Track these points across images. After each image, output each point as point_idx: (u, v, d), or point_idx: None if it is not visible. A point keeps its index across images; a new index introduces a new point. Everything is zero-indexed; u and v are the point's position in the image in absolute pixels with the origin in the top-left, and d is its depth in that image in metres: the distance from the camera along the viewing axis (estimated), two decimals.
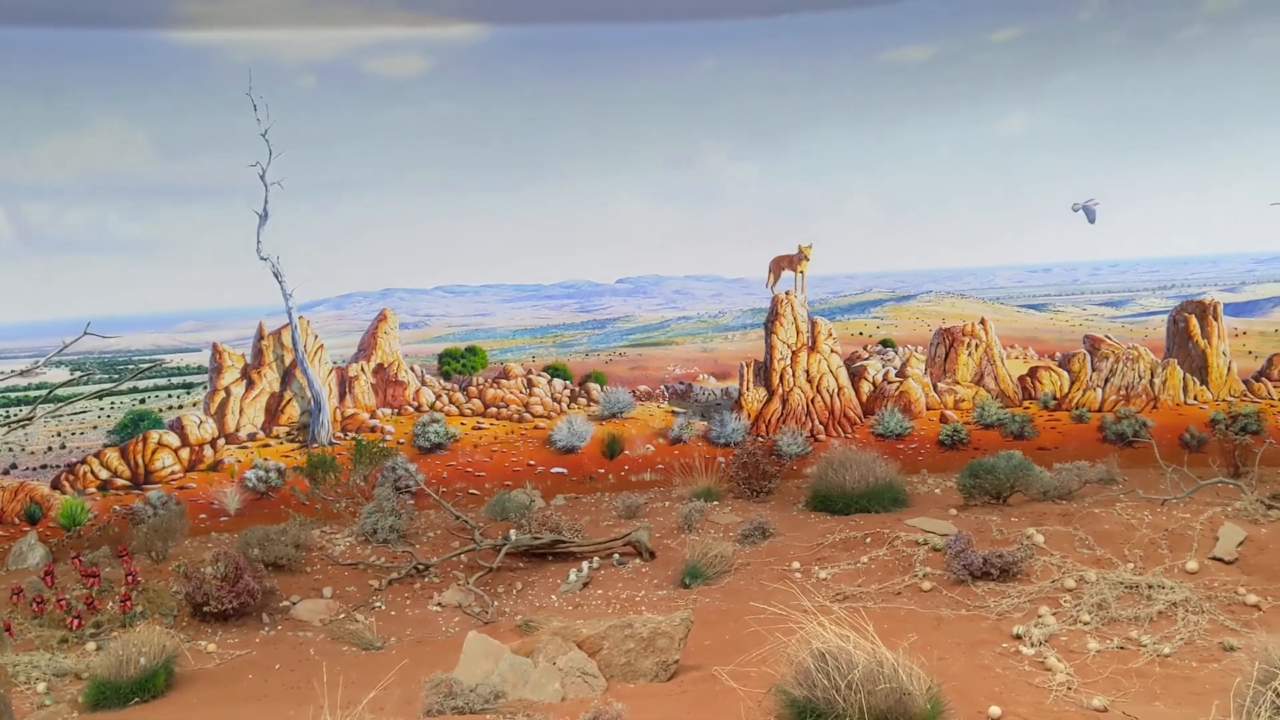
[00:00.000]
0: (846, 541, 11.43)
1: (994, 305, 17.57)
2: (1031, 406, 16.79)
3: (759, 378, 17.01)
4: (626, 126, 17.11)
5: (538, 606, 10.61)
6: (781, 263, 17.06)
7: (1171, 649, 7.80)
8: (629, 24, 16.74)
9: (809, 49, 17.03)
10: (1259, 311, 16.51)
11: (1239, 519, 10.89)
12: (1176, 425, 15.90)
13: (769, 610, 7.40)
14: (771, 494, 14.34)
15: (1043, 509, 12.11)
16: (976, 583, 9.61)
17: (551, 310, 17.66)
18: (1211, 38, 15.97)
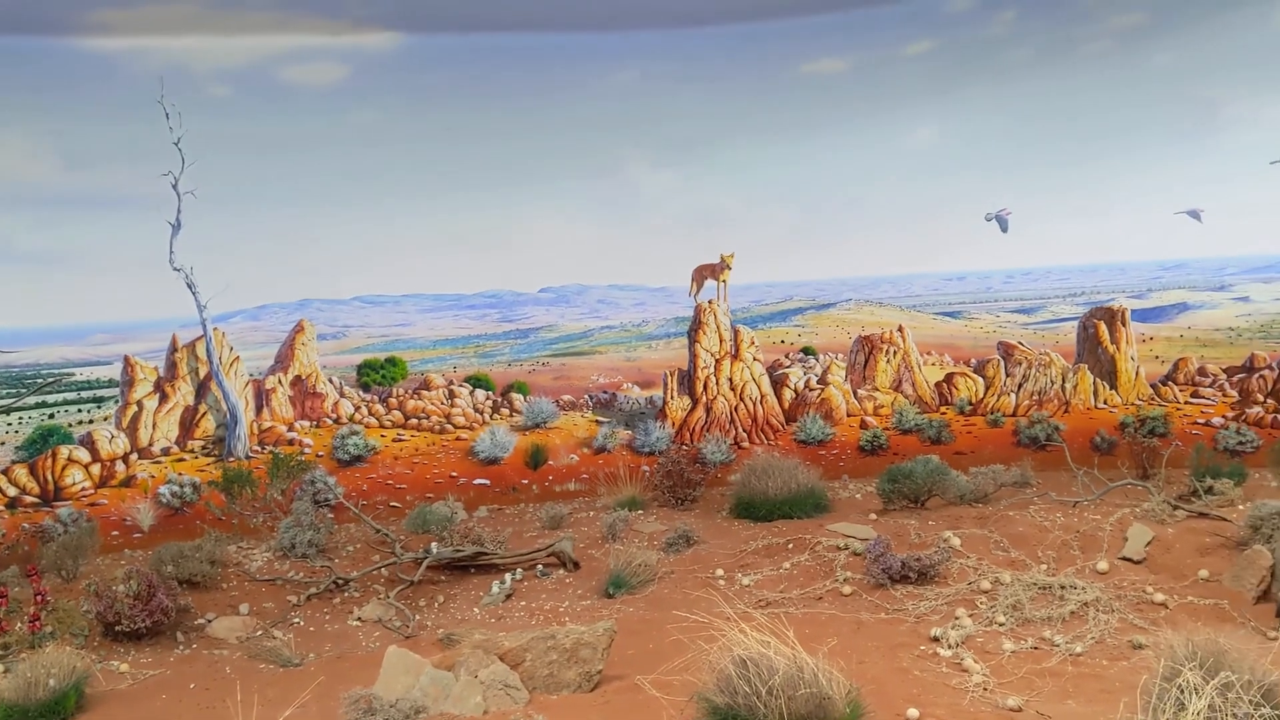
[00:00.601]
0: (769, 548, 11.53)
1: (911, 313, 17.89)
2: (948, 412, 17.10)
3: (683, 386, 17.08)
4: (548, 136, 17.08)
5: (460, 619, 10.50)
6: (704, 271, 17.17)
7: (1083, 648, 7.99)
8: (549, 34, 16.73)
9: (729, 60, 17.20)
10: (1165, 317, 17.03)
11: (1147, 520, 11.22)
12: (1087, 429, 16.31)
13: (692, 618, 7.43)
14: (696, 502, 14.40)
15: (959, 512, 12.35)
16: (896, 586, 9.74)
17: (473, 320, 17.55)
18: (1117, 54, 16.46)
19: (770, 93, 17.28)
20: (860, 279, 18.12)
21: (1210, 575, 9.56)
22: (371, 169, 16.56)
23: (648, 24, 16.86)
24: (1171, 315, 17.00)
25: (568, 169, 17.33)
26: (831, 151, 17.47)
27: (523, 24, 16.42)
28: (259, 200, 16.14)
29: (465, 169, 16.86)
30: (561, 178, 17.37)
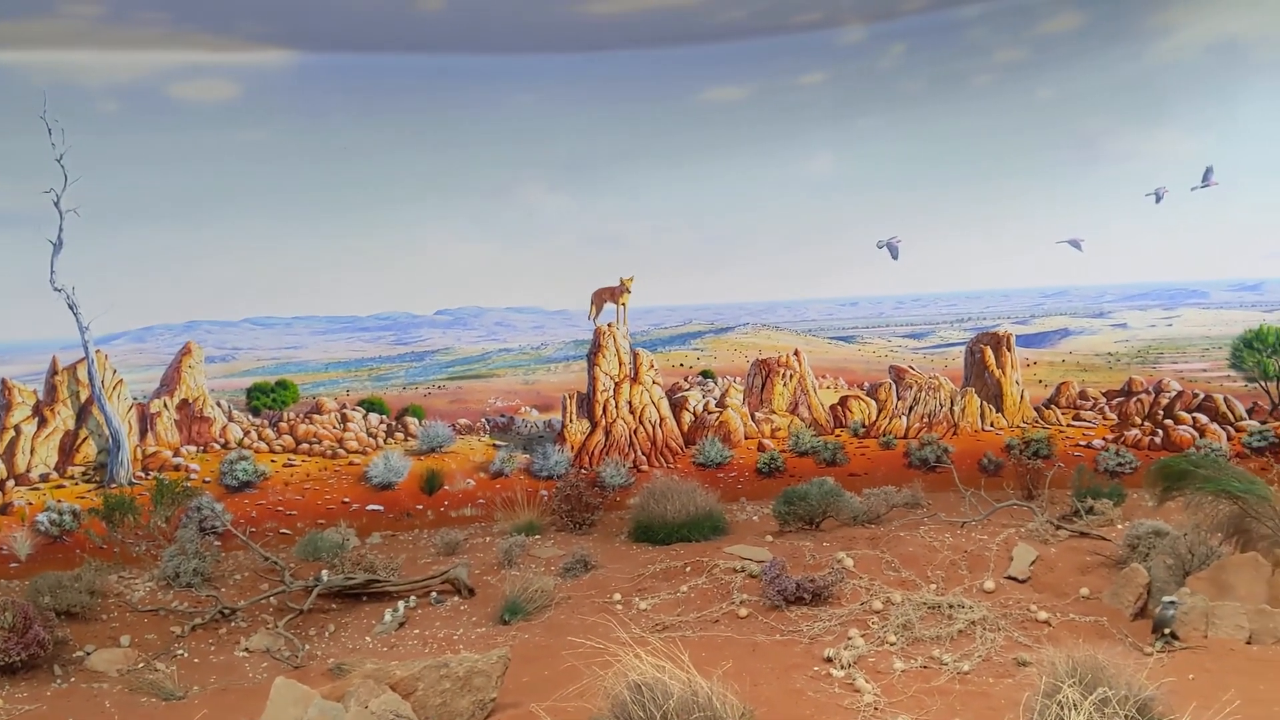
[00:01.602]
0: (667, 571, 11.55)
1: (807, 337, 18.17)
2: (843, 434, 17.39)
3: (582, 409, 17.06)
4: (445, 157, 16.96)
5: (351, 649, 10.27)
6: (603, 295, 17.21)
7: (970, 666, 8.16)
8: (447, 55, 16.64)
9: (628, 85, 17.31)
10: (1047, 343, 17.60)
11: (1031, 539, 11.56)
12: (975, 450, 16.74)
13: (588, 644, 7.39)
14: (594, 526, 14.37)
15: (853, 533, 12.56)
16: (791, 607, 9.84)
17: (367, 343, 17.28)
18: (1001, 86, 17.02)
19: (670, 118, 17.44)
20: (758, 303, 18.35)
21: (1091, 593, 9.87)
22: (263, 188, 16.22)
23: (547, 48, 16.89)
24: (1054, 340, 17.58)
25: (465, 190, 17.22)
26: (730, 177, 17.68)
27: (420, 45, 16.31)
28: (146, 219, 15.68)
29: (360, 189, 16.62)
30: (458, 199, 17.24)
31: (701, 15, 16.07)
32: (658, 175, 17.60)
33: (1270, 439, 15.52)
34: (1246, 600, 8.58)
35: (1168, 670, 7.48)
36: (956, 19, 16.73)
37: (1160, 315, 17.18)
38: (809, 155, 17.76)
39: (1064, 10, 16.52)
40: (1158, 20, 16.28)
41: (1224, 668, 7.59)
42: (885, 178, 17.55)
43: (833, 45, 17.18)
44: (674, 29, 16.57)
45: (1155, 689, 6.13)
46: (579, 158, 17.50)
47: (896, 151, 17.43)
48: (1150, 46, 16.43)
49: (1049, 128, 16.96)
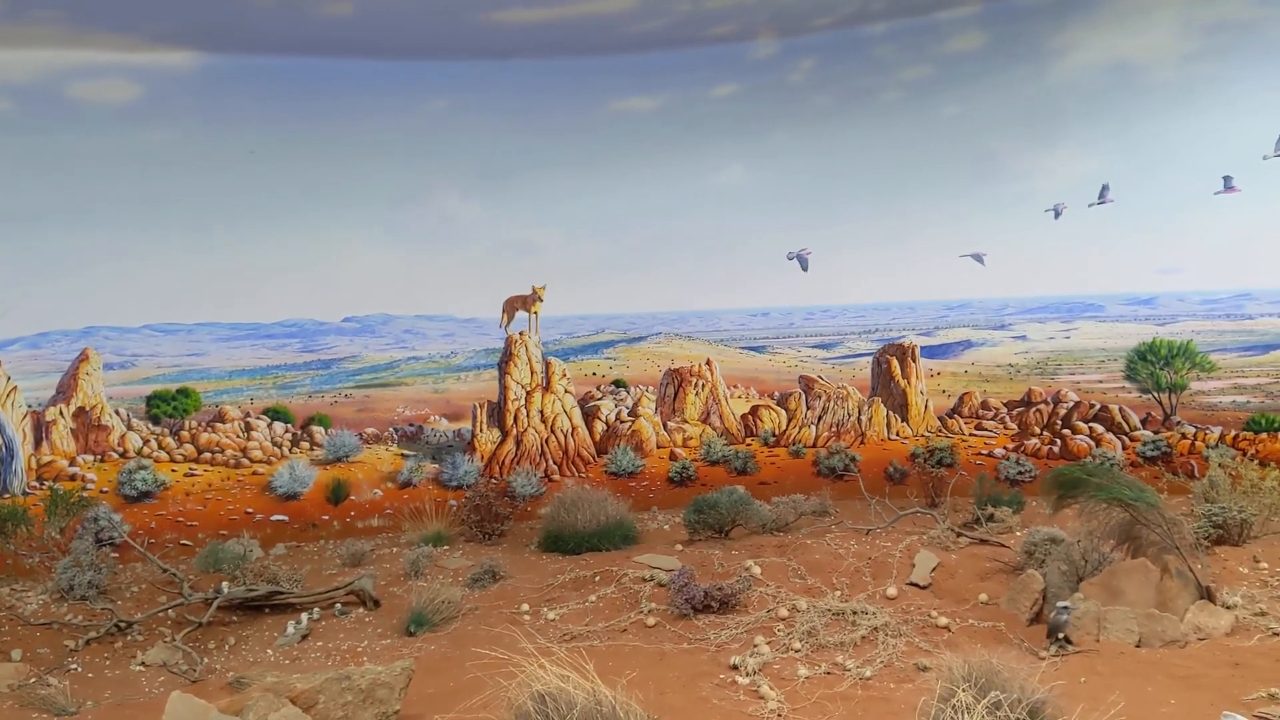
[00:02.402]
0: (576, 581, 11.54)
1: (719, 347, 18.32)
2: (754, 443, 17.55)
3: (493, 419, 16.95)
4: (354, 162, 16.73)
5: (252, 662, 10.05)
6: (515, 303, 17.13)
7: (872, 672, 8.30)
8: (359, 59, 16.44)
9: (540, 93, 17.30)
10: (951, 354, 18.00)
11: (933, 546, 11.80)
12: (882, 459, 17.03)
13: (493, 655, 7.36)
14: (504, 536, 14.29)
15: (761, 541, 12.69)
16: (698, 616, 9.90)
17: (272, 350, 16.94)
18: (908, 103, 17.38)
19: (583, 127, 17.45)
20: (670, 313, 18.45)
21: (989, 599, 10.11)
22: (166, 191, 15.82)
23: (460, 54, 16.79)
24: (957, 352, 17.99)
25: (375, 196, 17.01)
26: (643, 187, 17.75)
27: (330, 49, 16.09)
28: (42, 222, 15.20)
29: (266, 194, 16.30)
30: (368, 205, 17.01)
31: (616, 26, 16.14)
32: (571, 184, 17.60)
33: (1162, 448, 16.06)
34: (1136, 605, 8.87)
35: (1061, 674, 7.71)
36: (864, 36, 17.06)
37: (1059, 328, 17.70)
38: (721, 167, 17.93)
39: (968, 30, 16.95)
40: (1057, 42, 16.80)
41: (1114, 670, 7.83)
42: (796, 190, 17.80)
43: (745, 59, 17.40)
44: (588, 38, 16.62)
45: (1047, 692, 6.30)
46: (492, 165, 17.42)
47: (807, 165, 17.69)
48: (1050, 67, 16.94)
49: (954, 144, 17.37)
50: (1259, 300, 16.59)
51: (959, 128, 17.38)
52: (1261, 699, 7.21)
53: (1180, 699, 7.23)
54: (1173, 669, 7.84)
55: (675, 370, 17.81)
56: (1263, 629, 8.71)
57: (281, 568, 12.33)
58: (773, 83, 17.45)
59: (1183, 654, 8.26)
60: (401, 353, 17.57)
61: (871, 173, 17.58)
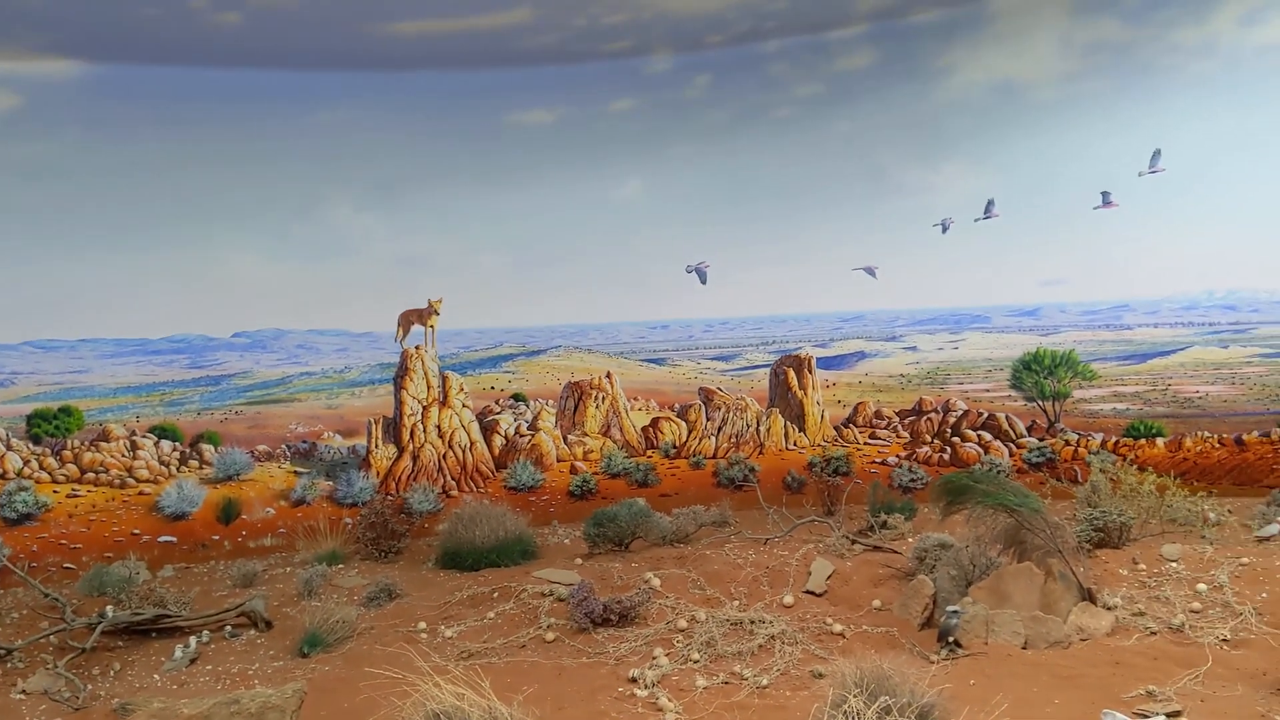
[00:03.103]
0: (475, 598, 11.43)
1: (619, 360, 18.36)
2: (654, 455, 17.62)
3: (389, 434, 16.70)
4: (246, 175, 16.38)
5: (139, 688, 9.70)
6: (411, 317, 16.92)
7: (769, 680, 8.39)
8: (249, 69, 16.11)
9: (437, 105, 17.18)
10: (845, 365, 18.34)
11: (829, 554, 11.98)
12: (780, 469, 17.25)
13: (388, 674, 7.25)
14: (401, 554, 14.08)
15: (661, 553, 12.74)
16: (598, 630, 9.89)
17: (159, 366, 16.44)
18: (802, 119, 17.70)
19: (479, 140, 17.37)
20: (570, 326, 18.44)
21: (883, 604, 10.29)
22: (47, 204, 15.27)
23: (354, 65, 16.58)
24: (851, 363, 18.33)
25: (267, 209, 16.67)
26: (541, 200, 17.73)
27: (219, 59, 15.74)
28: None
29: (153, 206, 15.85)
30: (260, 218, 16.66)
31: (512, 39, 16.11)
32: (468, 197, 17.49)
33: (1047, 455, 16.58)
34: (1022, 607, 9.13)
35: (950, 676, 7.90)
36: (758, 53, 17.34)
37: (948, 339, 18.18)
38: (619, 181, 18.01)
39: (858, 49, 17.35)
40: (943, 61, 17.29)
41: (1001, 672, 8.04)
42: (693, 204, 17.97)
43: (642, 73, 17.53)
44: (484, 51, 16.56)
45: (936, 695, 6.45)
46: (387, 177, 17.22)
47: (704, 179, 17.89)
48: (937, 86, 17.41)
49: (846, 160, 17.74)
50: (1136, 311, 17.26)
51: (851, 144, 17.76)
52: (1140, 696, 7.48)
53: (1063, 698, 7.46)
54: (1056, 669, 8.09)
55: (575, 383, 17.79)
56: (1141, 629, 9.03)
57: (169, 590, 11.95)
58: (670, 98, 17.62)
59: (1066, 654, 8.53)
60: (294, 368, 17.21)
61: (768, 187, 17.84)
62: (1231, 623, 8.96)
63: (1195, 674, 7.88)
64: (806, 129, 17.68)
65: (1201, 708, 7.19)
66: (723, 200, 17.88)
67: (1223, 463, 15.66)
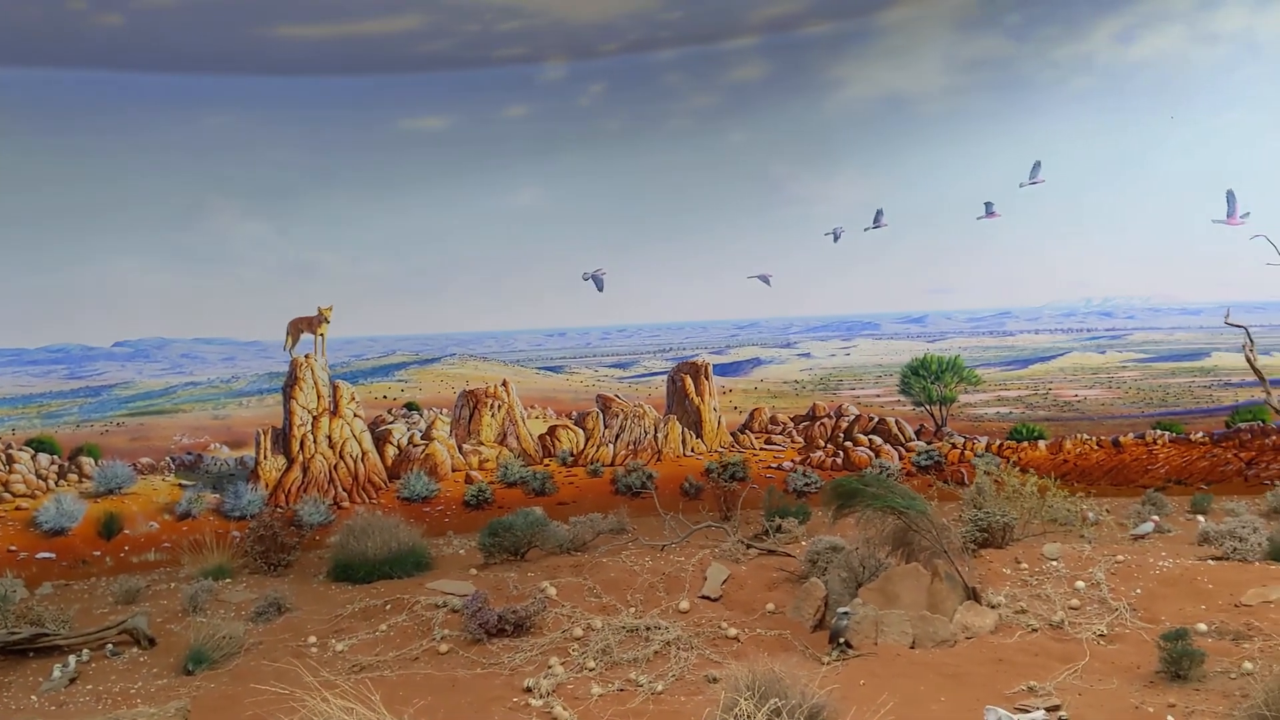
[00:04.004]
0: (366, 610, 11.24)
1: (515, 368, 18.26)
2: (551, 464, 17.56)
3: (278, 445, 16.33)
4: (129, 180, 15.90)
5: (15, 709, 9.30)
6: (300, 325, 16.58)
7: (664, 686, 8.42)
8: (130, 73, 15.63)
9: (327, 111, 16.90)
10: (742, 372, 18.54)
11: (724, 559, 12.08)
12: (678, 475, 17.35)
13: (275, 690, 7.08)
14: (291, 567, 13.79)
15: (558, 562, 12.69)
16: (492, 640, 9.81)
17: (35, 377, 15.80)
18: (696, 129, 17.89)
19: (371, 146, 17.14)
20: (465, 334, 18.28)
21: (776, 608, 10.42)
22: None
23: (241, 69, 16.21)
24: (747, 369, 18.54)
25: (151, 215, 16.19)
26: (435, 206, 17.57)
27: (100, 61, 15.24)
28: None
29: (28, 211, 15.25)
30: (143, 224, 16.16)
31: (404, 44, 15.94)
32: (359, 203, 17.23)
33: (935, 458, 17.01)
34: (910, 608, 9.33)
35: (841, 677, 8.03)
36: (652, 62, 17.46)
37: (839, 345, 18.52)
38: (514, 188, 17.94)
39: (751, 60, 17.59)
40: (833, 74, 17.64)
41: (890, 672, 8.20)
42: (590, 212, 17.99)
43: (535, 81, 17.50)
44: (375, 57, 16.34)
45: (825, 696, 6.55)
46: (275, 183, 16.87)
47: (599, 187, 17.92)
48: (828, 97, 17.76)
49: (740, 169, 17.95)
50: (1018, 318, 17.83)
51: (745, 154, 17.99)
52: (1022, 692, 7.71)
53: (949, 696, 7.64)
54: (943, 668, 8.28)
55: (470, 392, 17.64)
56: (1023, 626, 9.31)
57: (48, 608, 11.45)
58: (564, 106, 17.63)
59: (952, 653, 8.74)
60: (179, 378, 16.70)
61: (664, 196, 17.95)
62: (1108, 618, 9.29)
63: (1074, 669, 8.15)
64: (701, 138, 17.86)
65: (1080, 701, 7.43)
66: (619, 208, 17.94)
67: (1101, 464, 16.26)
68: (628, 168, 17.80)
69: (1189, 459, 15.93)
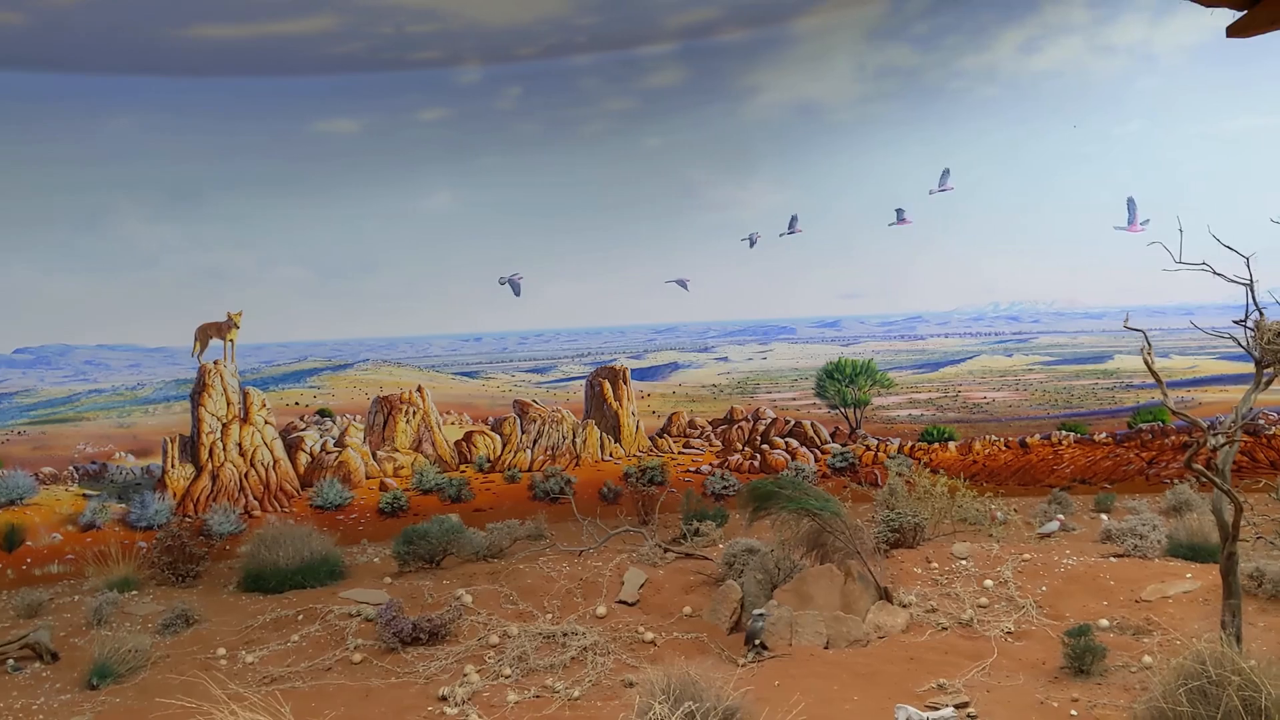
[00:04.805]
0: (278, 621, 11.06)
1: (430, 373, 18.07)
2: (468, 470, 17.42)
3: (186, 453, 15.95)
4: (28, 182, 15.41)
5: None
6: (209, 330, 16.22)
7: (581, 692, 8.41)
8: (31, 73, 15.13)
9: (238, 112, 16.56)
10: (659, 376, 18.60)
11: (642, 563, 12.12)
12: (596, 480, 17.34)
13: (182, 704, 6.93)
14: (200, 578, 13.50)
15: (474, 569, 12.62)
16: (407, 649, 9.71)
17: None
18: (613, 133, 17.89)
19: (283, 148, 16.83)
20: (379, 339, 18.03)
21: (693, 611, 10.49)
22: None
23: (149, 70, 15.80)
24: (665, 374, 18.61)
25: (52, 218, 15.71)
26: (349, 210, 17.31)
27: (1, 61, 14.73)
28: None
29: None
30: (43, 227, 15.67)
31: (317, 46, 15.68)
32: (270, 207, 16.90)
33: (850, 460, 17.25)
34: (824, 608, 9.46)
35: (756, 678, 8.11)
36: (569, 67, 17.43)
37: (756, 349, 18.68)
38: (429, 191, 17.77)
39: (667, 66, 17.67)
40: (748, 81, 17.79)
41: (804, 672, 8.30)
42: (506, 216, 17.89)
43: (451, 84, 17.35)
44: (289, 58, 16.07)
45: (740, 698, 6.60)
46: (184, 187, 16.46)
47: (516, 191, 17.83)
48: (743, 104, 17.91)
49: (657, 175, 18.01)
50: (929, 322, 18.17)
51: (661, 159, 18.04)
52: (932, 690, 7.86)
53: (862, 695, 7.76)
54: (856, 667, 8.41)
55: (385, 398, 17.42)
56: (933, 625, 9.51)
57: None
58: (480, 109, 17.51)
59: (865, 652, 8.88)
60: (82, 385, 16.20)
61: (581, 200, 17.92)
62: (1015, 615, 9.53)
63: (982, 666, 8.34)
64: (618, 143, 17.89)
65: (988, 698, 7.60)
66: (536, 212, 17.87)
67: (1009, 464, 16.66)
68: (545, 172, 17.74)
69: (1093, 459, 16.39)
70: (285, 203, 16.98)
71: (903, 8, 16.93)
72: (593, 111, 17.86)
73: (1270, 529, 11.29)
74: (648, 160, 17.95)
